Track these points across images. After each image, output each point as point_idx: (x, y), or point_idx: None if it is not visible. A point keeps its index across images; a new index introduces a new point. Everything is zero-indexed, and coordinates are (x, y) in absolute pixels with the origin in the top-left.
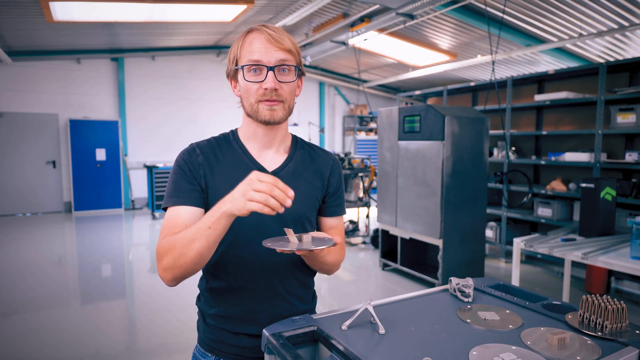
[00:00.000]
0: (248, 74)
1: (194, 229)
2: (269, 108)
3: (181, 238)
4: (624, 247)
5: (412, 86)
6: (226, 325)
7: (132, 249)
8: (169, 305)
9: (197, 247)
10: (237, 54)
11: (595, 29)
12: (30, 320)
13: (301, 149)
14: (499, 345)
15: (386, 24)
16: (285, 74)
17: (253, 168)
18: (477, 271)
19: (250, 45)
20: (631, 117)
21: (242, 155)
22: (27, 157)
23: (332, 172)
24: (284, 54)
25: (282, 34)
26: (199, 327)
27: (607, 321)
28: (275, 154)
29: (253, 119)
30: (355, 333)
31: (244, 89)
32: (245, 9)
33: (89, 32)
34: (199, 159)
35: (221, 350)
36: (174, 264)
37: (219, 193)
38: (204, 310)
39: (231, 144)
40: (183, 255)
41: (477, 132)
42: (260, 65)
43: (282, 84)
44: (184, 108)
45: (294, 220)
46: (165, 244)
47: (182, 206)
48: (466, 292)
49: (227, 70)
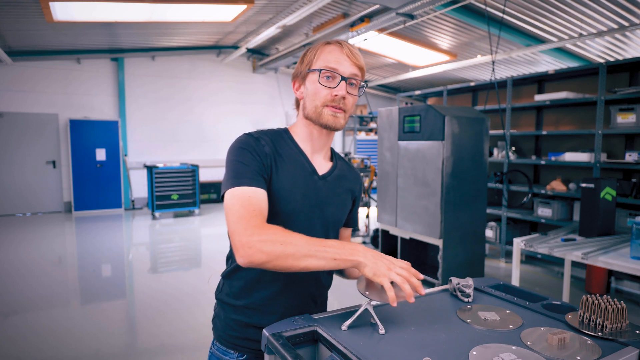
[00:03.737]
0: (322, 79)
1: (320, 248)
2: (332, 114)
3: (303, 243)
4: (624, 247)
5: (412, 86)
6: (252, 318)
7: (132, 249)
8: (168, 305)
9: (310, 264)
10: (312, 59)
11: (595, 29)
12: (30, 320)
13: (340, 159)
14: (499, 345)
15: (386, 24)
16: (353, 87)
17: (308, 169)
18: (477, 271)
19: (329, 54)
20: (631, 117)
21: (298, 154)
22: (27, 157)
23: (360, 187)
24: (357, 69)
25: (358, 52)
26: (217, 324)
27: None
28: (323, 159)
29: (312, 122)
30: (355, 333)
31: (313, 92)
32: (245, 9)
33: (89, 32)
34: (265, 149)
35: (245, 346)
36: (276, 256)
37: (281, 186)
38: (228, 302)
39: (286, 141)
40: (296, 259)
41: (477, 132)
42: (335, 73)
43: (348, 95)
44: (184, 108)
45: (334, 224)
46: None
47: (258, 188)
48: (466, 292)
49: (297, 71)
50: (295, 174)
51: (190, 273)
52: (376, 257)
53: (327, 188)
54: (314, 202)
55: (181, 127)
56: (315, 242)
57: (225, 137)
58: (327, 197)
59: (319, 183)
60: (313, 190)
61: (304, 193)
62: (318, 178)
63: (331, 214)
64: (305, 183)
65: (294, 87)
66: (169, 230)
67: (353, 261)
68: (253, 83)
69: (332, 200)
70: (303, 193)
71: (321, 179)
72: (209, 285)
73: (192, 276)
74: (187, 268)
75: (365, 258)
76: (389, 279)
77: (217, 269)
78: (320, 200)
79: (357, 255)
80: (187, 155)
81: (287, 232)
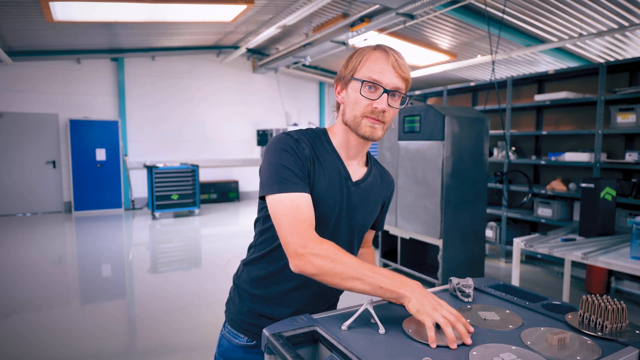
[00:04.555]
0: (364, 89)
1: (370, 273)
2: (370, 125)
3: (353, 265)
4: (624, 247)
5: (412, 86)
6: (266, 309)
7: (132, 249)
8: (169, 305)
9: (356, 286)
10: (356, 66)
11: (595, 29)
12: (30, 320)
13: (375, 165)
14: (499, 345)
15: (386, 24)
16: (395, 99)
17: (343, 174)
18: (477, 271)
19: (374, 63)
20: (631, 117)
21: (335, 159)
22: (27, 157)
23: (390, 194)
24: (401, 82)
25: (405, 62)
26: (231, 307)
27: (607, 321)
28: (358, 165)
29: (351, 130)
30: (355, 333)
31: (354, 100)
32: (245, 9)
33: (89, 32)
34: (305, 151)
35: (255, 333)
36: (323, 272)
37: (316, 191)
38: (246, 289)
39: (324, 144)
40: (340, 277)
41: (477, 132)
42: (378, 85)
43: (389, 107)
44: (184, 108)
45: (360, 229)
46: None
47: (303, 193)
48: (466, 292)
49: (340, 75)
50: (331, 179)
51: (190, 273)
52: (424, 295)
53: (359, 195)
54: (344, 208)
55: (181, 127)
56: (365, 267)
57: (225, 137)
58: (358, 203)
59: (352, 189)
60: (345, 196)
61: (336, 199)
62: (351, 184)
63: (359, 220)
64: (339, 189)
65: (336, 90)
66: (169, 230)
67: (399, 294)
68: (253, 83)
69: (362, 207)
70: (336, 199)
71: (354, 185)
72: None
73: (192, 276)
74: (187, 268)
75: (412, 294)
76: (433, 320)
77: (216, 270)
78: (351, 206)
79: (404, 289)
80: (187, 155)
81: (339, 251)
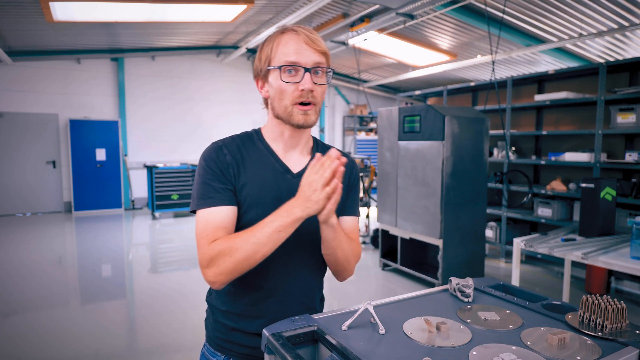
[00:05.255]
0: (284, 75)
1: (261, 234)
2: (303, 113)
3: (244, 242)
4: (624, 247)
5: (412, 86)
6: (238, 323)
7: (132, 249)
8: (169, 305)
9: (265, 250)
10: (270, 54)
11: (595, 29)
12: (30, 320)
13: (322, 150)
14: (499, 345)
15: (386, 24)
16: (319, 76)
17: (279, 169)
18: (477, 271)
19: (286, 46)
20: (631, 117)
21: (268, 155)
22: (27, 157)
23: (354, 173)
24: (320, 56)
25: (318, 37)
26: (208, 325)
27: (607, 321)
28: (300, 155)
29: (283, 121)
30: (355, 333)
31: (278, 90)
32: (245, 9)
33: (89, 32)
34: (227, 158)
35: (232, 350)
36: (234, 268)
37: (248, 193)
38: (216, 306)
39: (256, 143)
40: (249, 258)
41: (477, 132)
42: (297, 67)
43: (316, 86)
44: (184, 108)
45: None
46: (223, 248)
47: (218, 207)
48: (466, 292)
49: (257, 69)
50: (264, 177)
51: (190, 273)
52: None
53: None
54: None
55: (181, 127)
56: (254, 229)
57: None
58: None
59: (293, 182)
60: (286, 190)
61: (275, 196)
62: (292, 177)
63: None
64: (276, 185)
65: (258, 87)
66: (169, 230)
67: (295, 220)
68: (253, 83)
69: None
70: (274, 196)
71: (296, 177)
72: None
73: (192, 276)
74: (187, 268)
75: (302, 209)
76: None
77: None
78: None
79: (294, 214)
80: (187, 155)
81: (229, 240)
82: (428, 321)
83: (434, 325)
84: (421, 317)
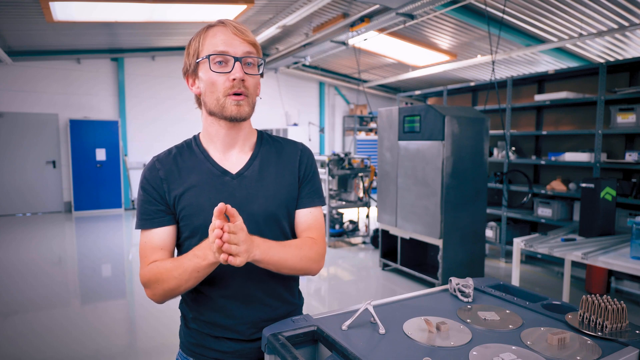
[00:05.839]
0: (214, 65)
1: (181, 271)
2: (236, 103)
3: (169, 276)
4: (624, 247)
5: (412, 86)
6: (207, 329)
7: (132, 249)
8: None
9: (189, 285)
10: (198, 48)
11: (595, 29)
12: (30, 320)
13: (267, 144)
14: (499, 345)
15: (386, 24)
16: (250, 67)
17: (215, 172)
18: (477, 271)
19: (214, 38)
20: (631, 117)
21: (203, 160)
22: (27, 157)
23: (300, 161)
24: (249, 46)
25: (245, 28)
26: (181, 332)
27: (607, 321)
28: (240, 153)
29: (217, 117)
30: (355, 333)
31: (209, 83)
32: (245, 9)
33: (89, 32)
34: (159, 173)
35: (203, 354)
36: (165, 294)
37: (185, 203)
38: (184, 313)
39: (193, 149)
40: (175, 289)
41: (477, 132)
42: (226, 56)
43: (248, 76)
44: (184, 108)
45: (266, 220)
46: (152, 276)
47: (153, 229)
48: (466, 292)
49: (186, 66)
50: (200, 183)
51: None
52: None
53: (246, 184)
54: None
55: (181, 127)
56: (178, 264)
57: None
58: (248, 194)
59: (233, 183)
60: (225, 193)
61: (215, 201)
62: (231, 178)
63: (259, 209)
64: (215, 190)
65: (189, 85)
66: None
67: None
68: None
69: (256, 196)
70: (213, 202)
71: (235, 177)
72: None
73: None
74: None
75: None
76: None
77: None
78: (239, 201)
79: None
80: None
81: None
82: (428, 321)
83: (434, 325)
84: (421, 317)
